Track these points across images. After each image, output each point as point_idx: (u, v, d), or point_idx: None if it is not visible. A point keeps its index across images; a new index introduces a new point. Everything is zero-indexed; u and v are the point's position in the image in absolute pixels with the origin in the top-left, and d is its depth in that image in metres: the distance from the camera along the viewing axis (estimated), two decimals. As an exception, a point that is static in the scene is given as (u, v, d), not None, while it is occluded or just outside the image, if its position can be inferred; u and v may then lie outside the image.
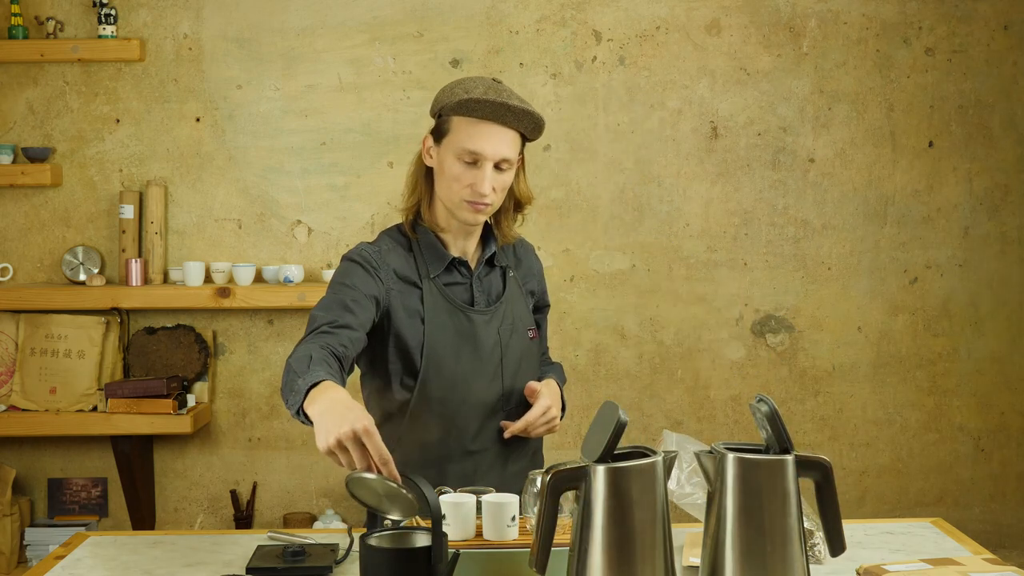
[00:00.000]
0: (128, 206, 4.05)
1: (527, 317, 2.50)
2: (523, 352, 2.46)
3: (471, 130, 2.32)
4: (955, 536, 2.39)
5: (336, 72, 4.12)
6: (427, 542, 1.87)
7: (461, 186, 2.33)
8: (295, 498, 4.21)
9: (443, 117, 2.37)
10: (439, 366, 2.37)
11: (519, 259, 2.55)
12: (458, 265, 2.43)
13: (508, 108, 2.30)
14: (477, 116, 2.32)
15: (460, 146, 2.32)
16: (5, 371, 4.06)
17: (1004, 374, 4.26)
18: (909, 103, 4.18)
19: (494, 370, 2.40)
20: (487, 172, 2.32)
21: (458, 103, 2.31)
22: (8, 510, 3.96)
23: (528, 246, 2.60)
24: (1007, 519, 4.28)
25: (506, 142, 2.33)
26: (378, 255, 2.38)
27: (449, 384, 2.38)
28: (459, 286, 2.43)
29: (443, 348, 2.38)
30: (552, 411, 2.42)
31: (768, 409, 1.82)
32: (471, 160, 2.32)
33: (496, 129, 2.32)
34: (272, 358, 4.16)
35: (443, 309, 2.39)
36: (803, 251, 4.20)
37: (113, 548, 2.33)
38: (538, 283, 2.58)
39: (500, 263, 2.49)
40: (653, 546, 1.77)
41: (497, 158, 2.33)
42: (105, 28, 4.02)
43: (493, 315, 2.43)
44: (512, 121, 2.33)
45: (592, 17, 4.13)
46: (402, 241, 2.43)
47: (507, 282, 2.48)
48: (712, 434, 4.17)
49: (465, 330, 2.40)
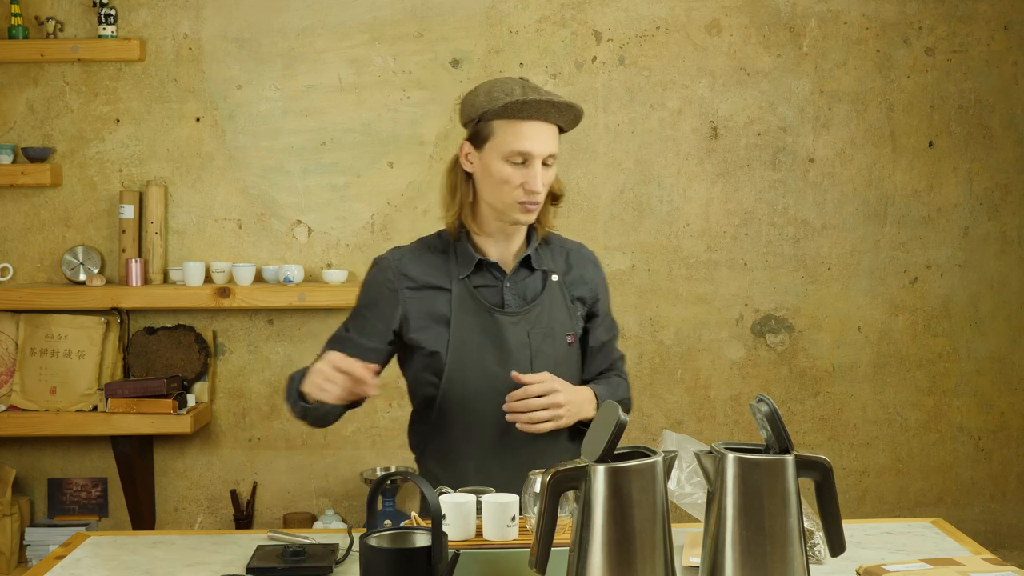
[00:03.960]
0: (128, 206, 4.05)
1: (567, 322, 2.49)
2: (558, 357, 2.46)
3: (517, 131, 2.36)
4: (955, 536, 2.39)
5: (336, 72, 4.12)
6: (427, 542, 1.87)
7: (512, 187, 2.38)
8: (295, 498, 4.21)
9: (482, 122, 2.38)
10: (463, 365, 2.42)
11: (570, 266, 2.55)
12: (490, 267, 2.46)
13: (552, 104, 2.35)
14: (522, 117, 2.35)
15: (508, 148, 2.36)
16: (5, 371, 4.06)
17: (1004, 374, 4.26)
18: (909, 103, 4.18)
19: (522, 372, 2.41)
20: (537, 170, 2.37)
21: (503, 107, 2.34)
22: (8, 510, 3.96)
23: (587, 256, 2.59)
24: (1007, 519, 4.28)
25: (552, 137, 2.39)
26: (398, 263, 2.46)
27: (475, 384, 2.42)
28: (490, 288, 2.46)
29: (468, 348, 2.42)
30: (558, 396, 2.38)
31: (768, 409, 1.82)
32: (521, 160, 2.36)
33: (540, 126, 2.37)
34: (272, 358, 4.16)
35: (470, 310, 2.43)
36: (803, 251, 4.20)
37: (113, 548, 2.33)
38: (591, 292, 2.55)
39: (541, 267, 2.50)
40: (653, 546, 1.77)
41: (545, 154, 2.38)
42: (105, 28, 4.02)
43: (524, 317, 2.44)
44: (555, 116, 2.38)
45: (592, 17, 4.13)
46: (436, 245, 2.49)
47: (547, 286, 2.49)
48: (712, 434, 4.17)
49: (492, 331, 2.43)
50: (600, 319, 2.58)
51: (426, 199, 4.13)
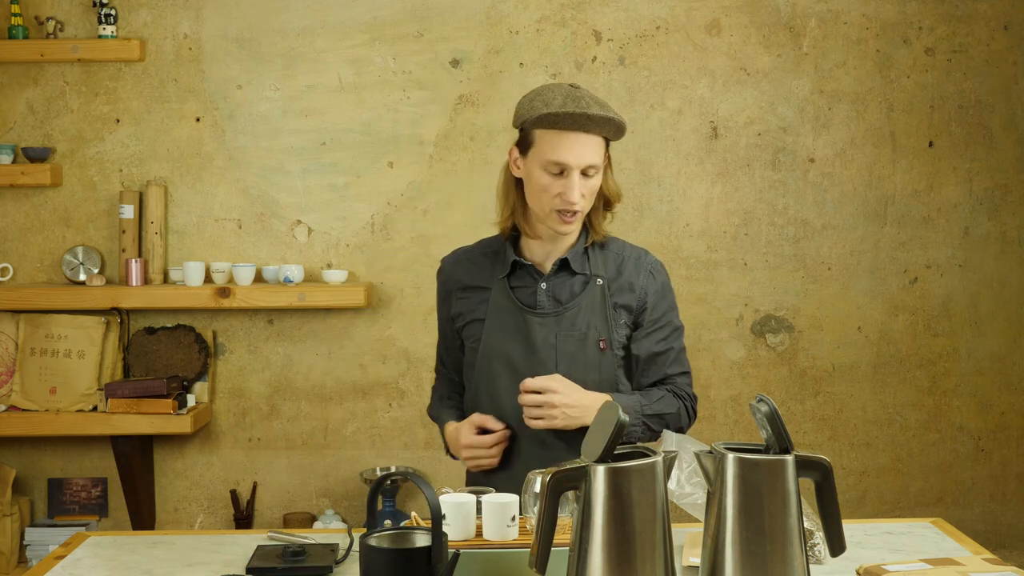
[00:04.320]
0: (128, 206, 4.05)
1: (602, 327, 2.49)
2: (586, 361, 2.48)
3: (554, 141, 2.38)
4: (955, 536, 2.39)
5: (336, 72, 4.12)
6: (427, 542, 1.87)
7: (550, 196, 2.41)
8: (295, 498, 4.21)
9: (526, 130, 2.43)
10: (491, 363, 2.51)
11: (619, 272, 2.54)
12: (527, 268, 2.52)
13: (588, 117, 2.36)
14: (560, 128, 2.37)
15: (545, 158, 2.39)
16: (5, 371, 4.06)
17: (1004, 374, 4.26)
18: (909, 103, 4.18)
19: (547, 373, 2.46)
20: (574, 181, 2.39)
21: (539, 117, 2.37)
22: (8, 510, 3.96)
23: (644, 264, 2.57)
24: (1007, 519, 4.28)
25: (590, 149, 2.40)
26: (451, 266, 2.62)
27: (501, 381, 2.50)
28: (526, 289, 2.51)
29: (497, 345, 2.50)
30: (553, 397, 2.41)
31: (768, 409, 1.82)
32: (558, 171, 2.39)
33: (579, 137, 2.38)
34: (272, 358, 4.16)
35: (505, 309, 2.51)
36: (803, 251, 4.20)
37: (113, 548, 2.33)
38: (638, 300, 2.53)
39: (583, 270, 2.51)
40: (653, 546, 1.77)
41: (582, 166, 2.40)
42: (105, 28, 4.02)
43: (554, 319, 2.48)
44: (594, 128, 2.39)
45: (592, 17, 4.13)
46: (490, 246, 2.59)
47: (587, 289, 2.50)
48: (712, 434, 4.17)
49: (521, 331, 2.49)
50: (649, 329, 2.54)
51: (426, 199, 4.14)
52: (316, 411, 4.18)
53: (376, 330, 4.15)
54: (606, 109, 2.39)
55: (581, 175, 2.40)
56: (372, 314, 4.15)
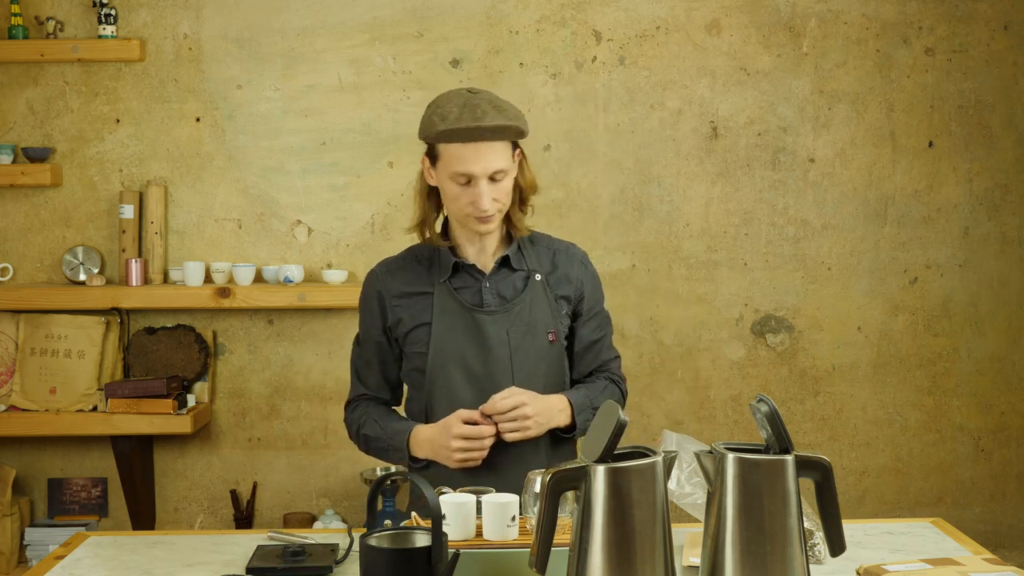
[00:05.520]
0: (128, 206, 4.05)
1: (549, 320, 2.53)
2: (539, 353, 2.51)
3: (457, 154, 2.40)
4: (955, 536, 2.39)
5: (336, 72, 4.12)
6: (427, 542, 1.87)
7: (462, 204, 2.43)
8: (295, 498, 4.21)
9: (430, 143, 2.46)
10: (445, 365, 2.49)
11: (555, 265, 2.58)
12: (468, 269, 2.53)
13: (481, 130, 2.37)
14: (459, 140, 2.39)
15: (451, 169, 2.42)
16: (5, 371, 4.06)
17: (1004, 374, 4.26)
18: (909, 103, 4.18)
19: (503, 370, 2.48)
20: (482, 189, 2.41)
21: (437, 133, 2.40)
22: (8, 510, 3.96)
23: (574, 255, 2.61)
24: (1007, 519, 4.28)
25: (494, 155, 2.41)
26: (385, 274, 2.57)
27: (456, 381, 2.49)
28: (469, 289, 2.52)
29: (449, 347, 2.49)
30: (525, 409, 2.42)
31: (768, 409, 1.82)
32: (465, 181, 2.41)
33: (479, 147, 2.40)
34: (272, 358, 4.16)
35: (451, 311, 2.50)
36: (803, 251, 4.20)
37: (113, 548, 2.33)
38: (575, 290, 2.57)
39: (522, 266, 2.54)
40: (653, 546, 1.77)
41: (488, 173, 2.41)
42: (105, 28, 4.02)
43: (503, 315, 2.50)
44: (491, 136, 2.39)
45: (592, 17, 4.13)
46: (422, 252, 2.57)
47: (529, 284, 2.53)
48: (712, 434, 4.17)
49: (471, 329, 2.49)
50: (586, 318, 2.60)
51: (426, 199, 4.13)
52: (316, 411, 4.18)
53: (376, 330, 4.15)
54: (503, 115, 2.38)
55: (489, 180, 2.41)
56: (372, 314, 4.15)
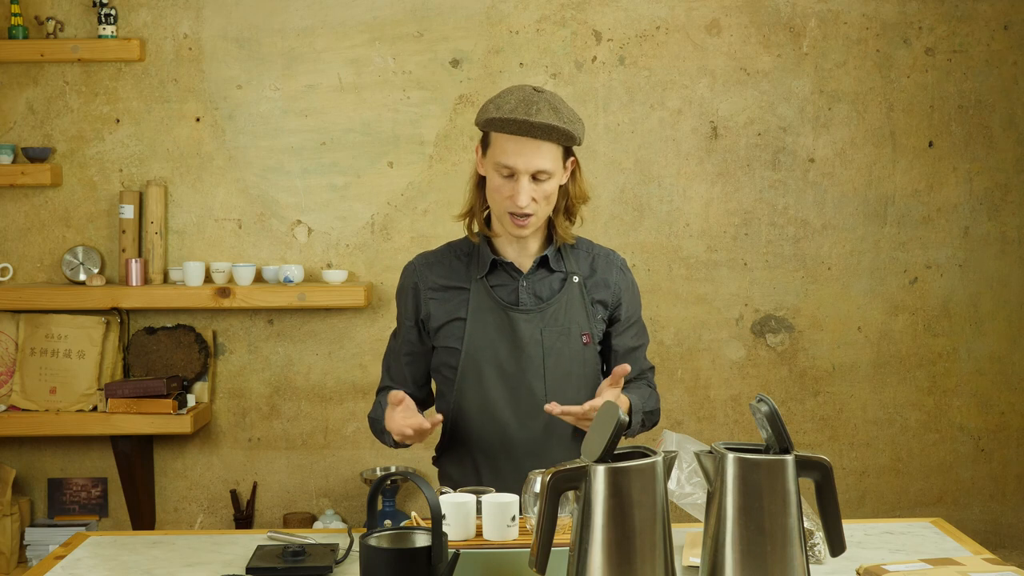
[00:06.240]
0: (128, 206, 4.05)
1: (583, 322, 2.54)
2: (572, 354, 2.52)
3: (505, 145, 2.40)
4: (955, 536, 2.39)
5: (336, 72, 4.12)
6: (427, 542, 1.87)
7: (502, 197, 2.44)
8: (295, 498, 4.21)
9: (484, 130, 2.46)
10: (477, 361, 2.50)
11: (593, 270, 2.59)
12: (506, 267, 2.54)
13: (531, 125, 2.36)
14: (510, 132, 2.39)
15: (496, 160, 2.42)
16: (5, 371, 4.06)
17: (1004, 374, 4.26)
18: (909, 103, 4.18)
19: (535, 369, 2.49)
20: (523, 185, 2.40)
21: (488, 120, 2.40)
22: (8, 510, 3.96)
23: (613, 261, 2.62)
24: (1007, 519, 4.28)
25: (540, 154, 2.40)
26: (423, 267, 2.58)
27: (489, 380, 2.50)
28: (505, 287, 2.53)
29: (482, 343, 2.50)
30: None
31: (768, 409, 1.82)
32: (508, 174, 2.41)
33: (527, 143, 2.39)
34: (272, 358, 4.16)
35: (486, 308, 2.51)
36: (803, 251, 4.20)
37: (113, 548, 2.33)
38: (613, 296, 2.58)
39: (560, 268, 2.55)
40: (653, 546, 1.77)
41: (531, 171, 2.41)
42: (105, 28, 4.02)
43: (538, 315, 2.51)
44: (540, 135, 2.38)
45: (592, 17, 4.13)
46: (461, 248, 2.58)
47: (566, 286, 2.53)
48: (712, 434, 4.17)
49: (506, 327, 2.50)
50: (625, 325, 2.61)
51: (426, 199, 4.14)
52: (316, 411, 4.18)
53: (376, 330, 4.15)
54: (557, 116, 2.38)
55: (532, 179, 2.41)
56: (372, 314, 4.16)
